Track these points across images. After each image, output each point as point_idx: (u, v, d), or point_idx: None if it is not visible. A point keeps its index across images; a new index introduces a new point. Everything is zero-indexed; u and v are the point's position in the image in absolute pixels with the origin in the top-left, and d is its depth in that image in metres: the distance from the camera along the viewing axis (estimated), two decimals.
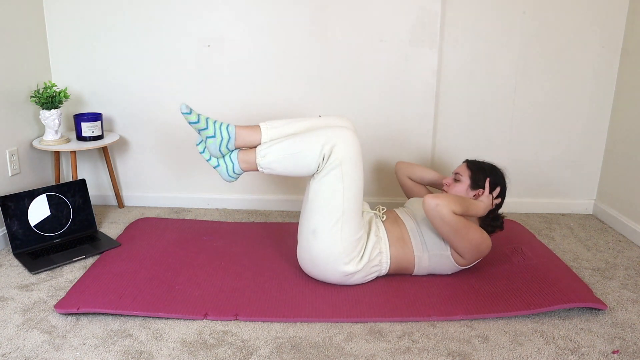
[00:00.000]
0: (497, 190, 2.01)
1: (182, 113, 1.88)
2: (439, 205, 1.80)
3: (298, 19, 2.56)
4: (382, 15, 2.54)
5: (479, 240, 1.89)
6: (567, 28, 2.58)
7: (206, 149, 1.97)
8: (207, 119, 1.92)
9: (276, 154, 1.88)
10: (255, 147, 1.94)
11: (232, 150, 1.96)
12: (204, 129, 1.92)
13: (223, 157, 1.97)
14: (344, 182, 1.84)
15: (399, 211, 2.11)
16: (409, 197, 2.33)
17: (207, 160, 2.00)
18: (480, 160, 2.09)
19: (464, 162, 2.11)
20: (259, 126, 1.96)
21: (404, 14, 2.54)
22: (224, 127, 1.93)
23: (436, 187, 2.27)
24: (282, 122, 1.98)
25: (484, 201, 1.96)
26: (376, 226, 2.00)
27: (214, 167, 2.00)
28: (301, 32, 2.58)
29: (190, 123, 1.91)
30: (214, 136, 1.92)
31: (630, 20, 2.54)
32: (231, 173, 1.97)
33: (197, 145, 2.00)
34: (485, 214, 1.98)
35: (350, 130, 1.87)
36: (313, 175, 1.89)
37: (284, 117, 2.69)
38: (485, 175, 2.02)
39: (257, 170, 1.93)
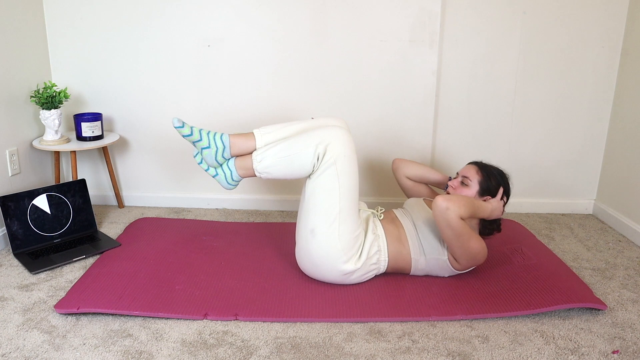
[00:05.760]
0: (504, 198, 2.01)
1: (175, 127, 1.90)
2: (449, 209, 1.77)
3: (298, 19, 2.56)
4: (382, 15, 2.54)
5: (477, 250, 1.89)
6: (567, 28, 2.58)
7: (203, 160, 2.00)
8: (200, 130, 1.94)
9: (272, 158, 1.89)
10: (251, 153, 1.95)
11: (229, 159, 1.98)
12: (198, 140, 1.94)
13: (220, 166, 1.99)
14: (340, 180, 1.85)
15: (398, 212, 2.11)
16: (408, 197, 2.31)
17: (206, 170, 2.02)
18: (489, 164, 2.06)
19: (472, 164, 2.06)
20: (252, 133, 1.98)
21: (404, 14, 2.54)
22: (217, 137, 1.95)
23: (439, 187, 2.23)
24: (275, 126, 2.00)
25: (493, 205, 1.95)
26: (374, 224, 2.00)
27: (213, 177, 2.02)
28: (301, 32, 2.58)
29: (184, 136, 1.94)
30: (208, 147, 1.94)
31: (630, 20, 2.54)
32: (230, 181, 1.99)
33: (194, 157, 2.02)
34: (492, 218, 1.97)
35: (342, 128, 1.88)
36: (309, 175, 1.90)
37: (283, 117, 2.69)
38: (496, 182, 1.99)
39: (255, 175, 1.95)
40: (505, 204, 2.01)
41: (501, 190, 1.99)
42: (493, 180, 1.99)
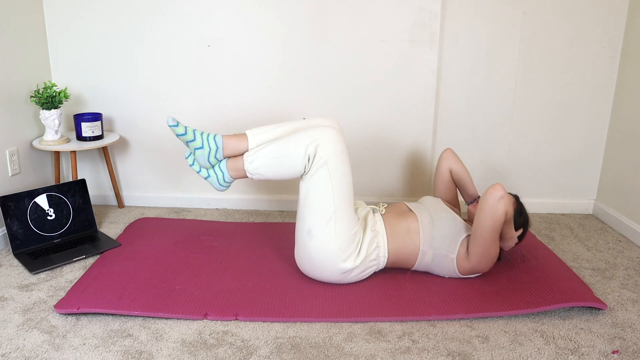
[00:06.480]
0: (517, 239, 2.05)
1: (169, 126, 1.91)
2: (503, 199, 1.80)
3: (298, 19, 2.56)
4: (382, 15, 2.54)
5: (493, 254, 1.92)
6: (567, 28, 2.58)
7: (195, 161, 2.01)
8: (194, 130, 1.95)
9: (263, 159, 1.90)
10: (244, 154, 1.96)
11: (221, 160, 1.98)
12: (192, 140, 1.94)
13: (212, 167, 2.00)
14: (332, 180, 1.85)
15: (412, 204, 2.11)
16: (436, 190, 2.28)
17: (198, 172, 2.02)
18: (523, 205, 2.08)
19: (512, 194, 2.09)
20: (245, 134, 1.99)
21: (404, 14, 2.54)
22: (211, 138, 1.95)
23: (466, 199, 2.23)
24: (268, 127, 2.00)
25: (513, 234, 1.98)
26: (373, 220, 2.00)
27: (205, 178, 2.03)
28: (301, 32, 2.58)
29: (177, 135, 1.94)
30: (202, 147, 1.95)
31: (630, 20, 2.54)
32: (222, 182, 2.00)
33: (186, 158, 2.02)
34: (504, 243, 2.00)
35: (333, 128, 1.89)
36: (302, 176, 1.91)
37: (283, 118, 2.69)
38: (522, 222, 2.03)
39: (247, 176, 1.95)
40: (516, 243, 2.03)
41: (521, 231, 2.02)
42: (520, 218, 2.03)
